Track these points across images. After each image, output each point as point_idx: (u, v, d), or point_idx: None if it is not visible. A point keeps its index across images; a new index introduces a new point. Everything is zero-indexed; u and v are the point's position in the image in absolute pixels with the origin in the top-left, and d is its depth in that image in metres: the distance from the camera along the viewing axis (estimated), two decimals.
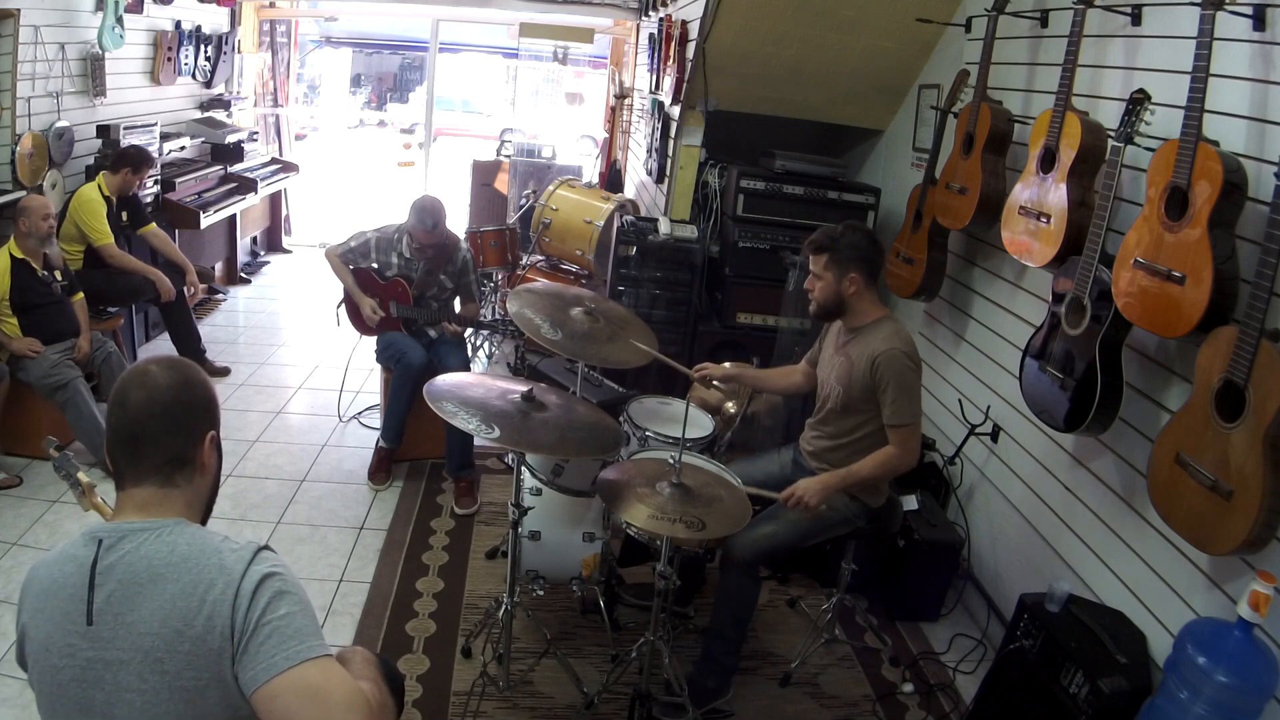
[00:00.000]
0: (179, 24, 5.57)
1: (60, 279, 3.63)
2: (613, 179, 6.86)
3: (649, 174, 5.42)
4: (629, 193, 6.31)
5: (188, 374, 1.28)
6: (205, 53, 6.05)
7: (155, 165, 4.83)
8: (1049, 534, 2.80)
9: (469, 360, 3.96)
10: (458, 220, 6.33)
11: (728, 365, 3.07)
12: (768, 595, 3.13)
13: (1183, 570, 2.20)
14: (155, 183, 5.02)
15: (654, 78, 5.55)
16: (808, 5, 3.80)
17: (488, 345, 5.25)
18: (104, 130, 4.68)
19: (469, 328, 3.97)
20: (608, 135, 7.43)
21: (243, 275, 6.44)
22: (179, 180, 5.25)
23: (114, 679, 1.12)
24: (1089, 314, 2.33)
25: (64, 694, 1.15)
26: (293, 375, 4.83)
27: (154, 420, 1.22)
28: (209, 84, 6.22)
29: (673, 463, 2.23)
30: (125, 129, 4.73)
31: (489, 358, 5.21)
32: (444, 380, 2.43)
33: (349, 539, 3.31)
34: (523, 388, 2.37)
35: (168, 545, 1.16)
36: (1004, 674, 2.45)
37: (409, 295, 3.71)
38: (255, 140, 6.59)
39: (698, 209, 4.65)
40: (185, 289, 4.46)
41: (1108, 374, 2.31)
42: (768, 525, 2.45)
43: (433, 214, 3.53)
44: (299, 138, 10.19)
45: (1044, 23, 3.00)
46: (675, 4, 5.10)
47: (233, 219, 6.04)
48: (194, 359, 3.86)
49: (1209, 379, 1.93)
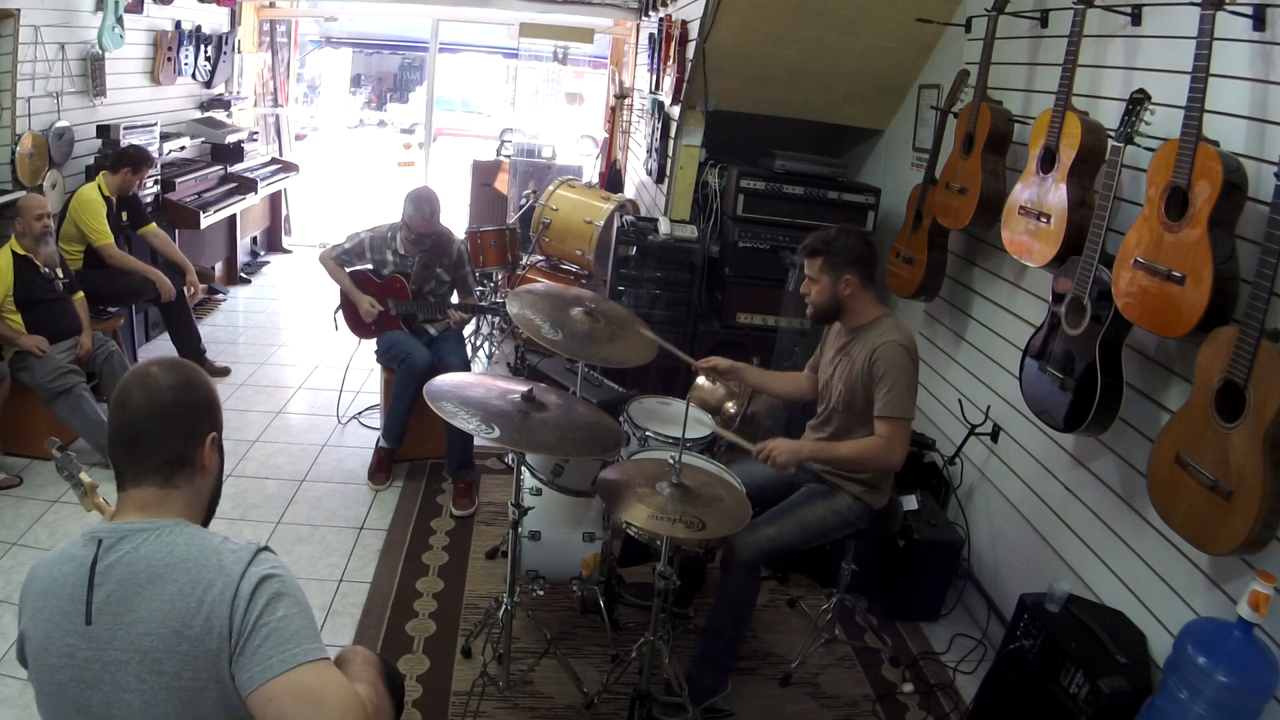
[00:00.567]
0: (179, 24, 5.57)
1: (61, 277, 3.63)
2: (613, 179, 6.86)
3: (649, 174, 5.42)
4: (629, 193, 6.31)
5: (189, 375, 1.28)
6: (205, 53, 6.05)
7: (155, 165, 4.83)
8: (1049, 534, 2.79)
9: (469, 360, 3.96)
10: (458, 220, 6.35)
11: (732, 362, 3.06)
12: (768, 595, 3.13)
13: (1183, 570, 2.20)
14: (155, 183, 5.02)
15: (654, 78, 5.55)
16: (808, 5, 3.80)
17: (488, 345, 5.25)
18: (104, 130, 4.68)
19: (472, 315, 3.98)
20: (608, 135, 7.43)
21: (243, 275, 6.44)
22: (179, 180, 5.25)
23: (112, 679, 1.13)
24: (1089, 314, 2.33)
25: (63, 694, 1.15)
26: (293, 375, 4.83)
27: (154, 421, 1.22)
28: (209, 84, 6.22)
29: (673, 463, 2.23)
30: (125, 129, 4.73)
31: (489, 358, 5.21)
32: (444, 380, 2.43)
33: (349, 539, 3.32)
34: (523, 388, 2.37)
35: (167, 546, 1.17)
36: (1004, 674, 2.45)
37: (407, 291, 3.72)
38: (255, 140, 6.59)
39: (698, 209, 4.65)
40: (185, 289, 4.46)
41: (1108, 374, 2.31)
42: (770, 527, 2.44)
43: (428, 202, 3.57)
44: (299, 138, 10.19)
45: (1044, 23, 3.00)
46: (675, 4, 5.09)
47: (233, 219, 6.04)
48: (194, 359, 3.86)
49: (1209, 379, 1.93)
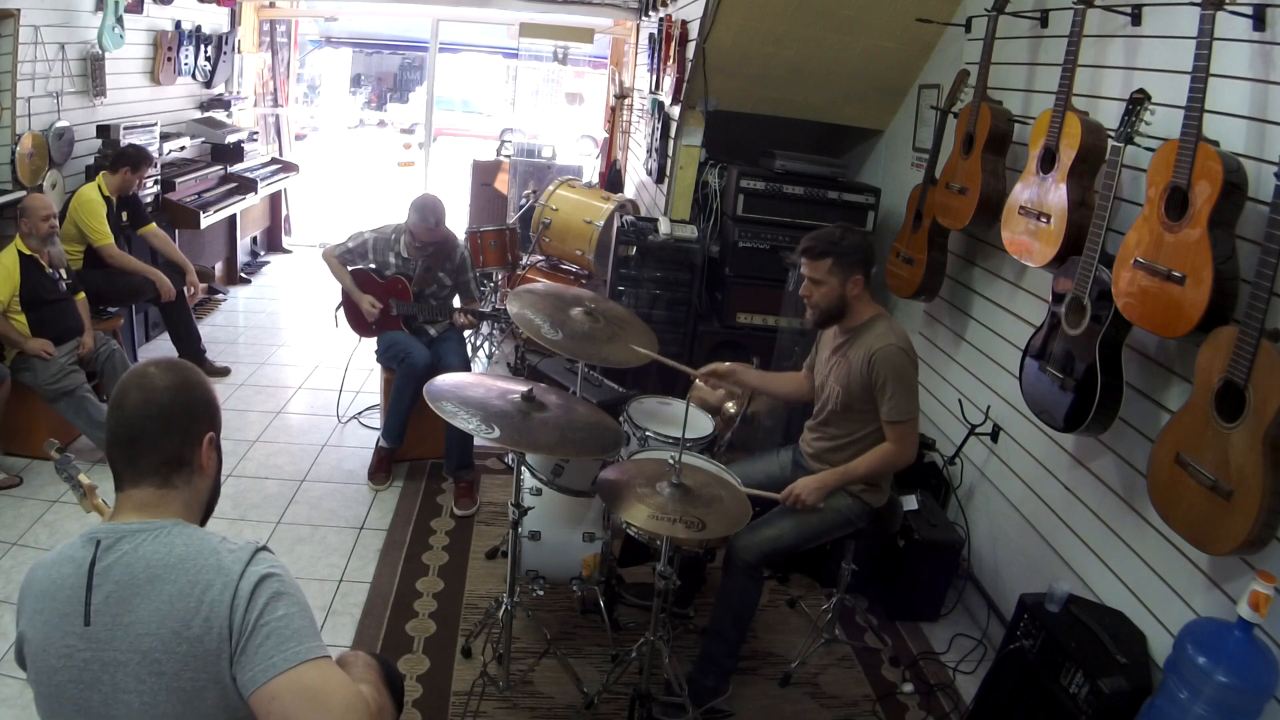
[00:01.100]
0: (179, 24, 5.57)
1: (65, 277, 3.63)
2: (613, 179, 6.86)
3: (649, 174, 5.41)
4: (629, 193, 6.31)
5: (186, 375, 1.28)
6: (205, 53, 6.05)
7: (154, 164, 4.83)
8: (1049, 534, 2.79)
9: (469, 360, 3.97)
10: (458, 220, 6.34)
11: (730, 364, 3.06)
12: (768, 595, 3.13)
13: (1183, 570, 2.20)
14: (155, 183, 5.02)
15: (654, 78, 5.55)
16: (808, 5, 3.80)
17: (488, 345, 5.25)
18: (104, 130, 4.68)
19: (479, 322, 3.99)
20: (608, 135, 7.43)
21: (243, 275, 6.44)
22: (179, 180, 5.25)
23: (111, 680, 1.12)
24: (1089, 314, 2.33)
25: (62, 695, 1.15)
26: (293, 375, 4.83)
27: (151, 422, 1.22)
28: (209, 84, 6.22)
29: (673, 463, 2.23)
30: (125, 129, 4.73)
31: (489, 358, 5.21)
32: (444, 380, 2.43)
33: (349, 539, 3.31)
34: (523, 388, 2.37)
35: (165, 546, 1.16)
36: (1004, 674, 2.45)
37: (409, 293, 3.72)
38: (255, 140, 6.59)
39: (698, 209, 4.64)
40: (185, 289, 4.46)
41: (1108, 374, 2.30)
42: (772, 527, 2.44)
43: (434, 212, 3.57)
44: (299, 138, 10.19)
45: (1044, 23, 2.99)
46: (675, 4, 5.09)
47: (233, 219, 6.04)
48: (194, 359, 3.86)
49: (1209, 379, 1.93)
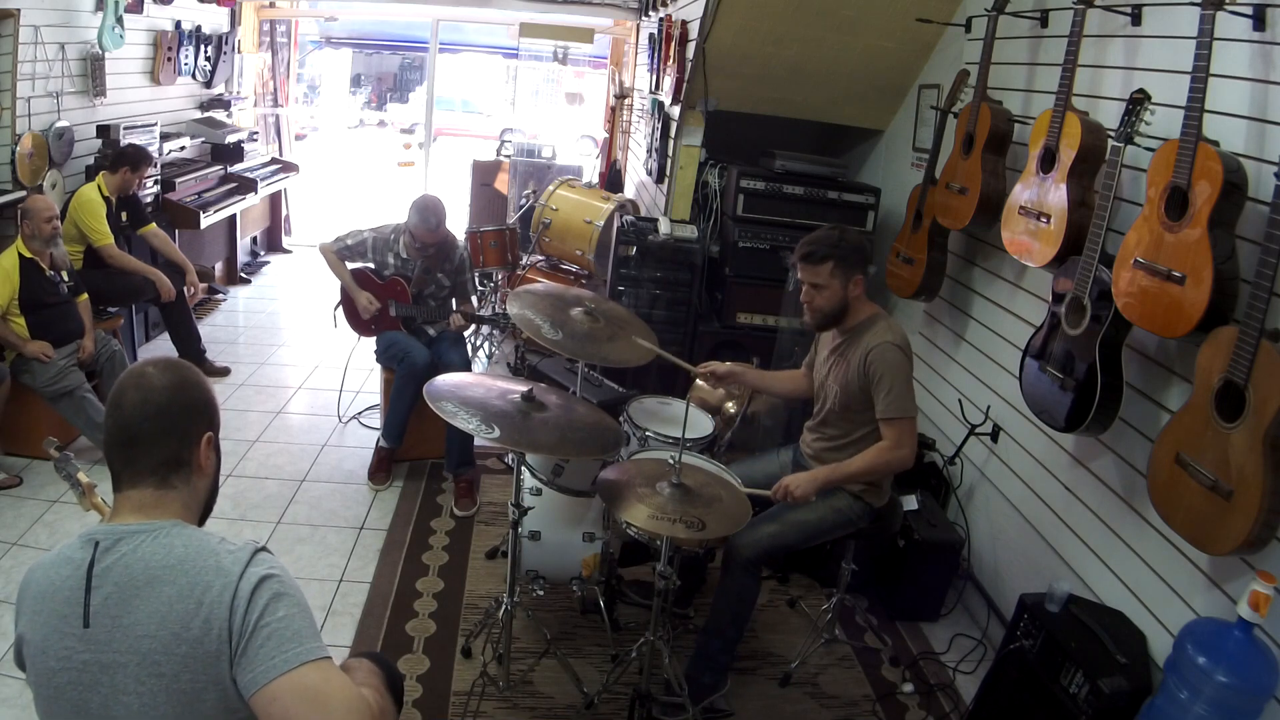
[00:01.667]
0: (179, 24, 5.57)
1: (67, 279, 3.63)
2: (613, 179, 6.86)
3: (649, 174, 5.41)
4: (629, 193, 6.31)
5: (184, 375, 1.27)
6: (205, 53, 6.05)
7: (154, 164, 4.83)
8: (1049, 534, 2.79)
9: (469, 359, 3.97)
10: (458, 220, 6.34)
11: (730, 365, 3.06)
12: (768, 595, 3.13)
13: (1183, 570, 2.20)
14: (155, 183, 5.02)
15: (654, 78, 5.55)
16: (808, 5, 3.80)
17: (488, 345, 5.25)
18: (104, 130, 4.68)
19: (472, 323, 3.99)
20: (608, 135, 7.43)
21: (243, 275, 6.44)
22: (179, 180, 5.25)
23: (111, 681, 1.12)
24: (1089, 314, 2.33)
25: (61, 696, 1.14)
26: (293, 375, 4.83)
27: (149, 422, 1.21)
28: (209, 84, 6.22)
29: (673, 463, 2.23)
30: (125, 129, 4.73)
31: (489, 358, 5.21)
32: (444, 380, 2.43)
33: (349, 539, 3.31)
34: (523, 388, 2.37)
35: (164, 547, 1.16)
36: (1004, 674, 2.45)
37: (408, 294, 3.72)
38: (255, 140, 6.59)
39: (698, 209, 4.64)
40: (185, 289, 4.46)
41: (1108, 374, 2.30)
42: (771, 525, 2.44)
43: (435, 213, 3.57)
44: (299, 138, 10.19)
45: (1044, 23, 2.99)
46: (675, 4, 5.09)
47: (233, 219, 6.04)
48: (194, 359, 3.87)
49: (1209, 379, 1.93)
